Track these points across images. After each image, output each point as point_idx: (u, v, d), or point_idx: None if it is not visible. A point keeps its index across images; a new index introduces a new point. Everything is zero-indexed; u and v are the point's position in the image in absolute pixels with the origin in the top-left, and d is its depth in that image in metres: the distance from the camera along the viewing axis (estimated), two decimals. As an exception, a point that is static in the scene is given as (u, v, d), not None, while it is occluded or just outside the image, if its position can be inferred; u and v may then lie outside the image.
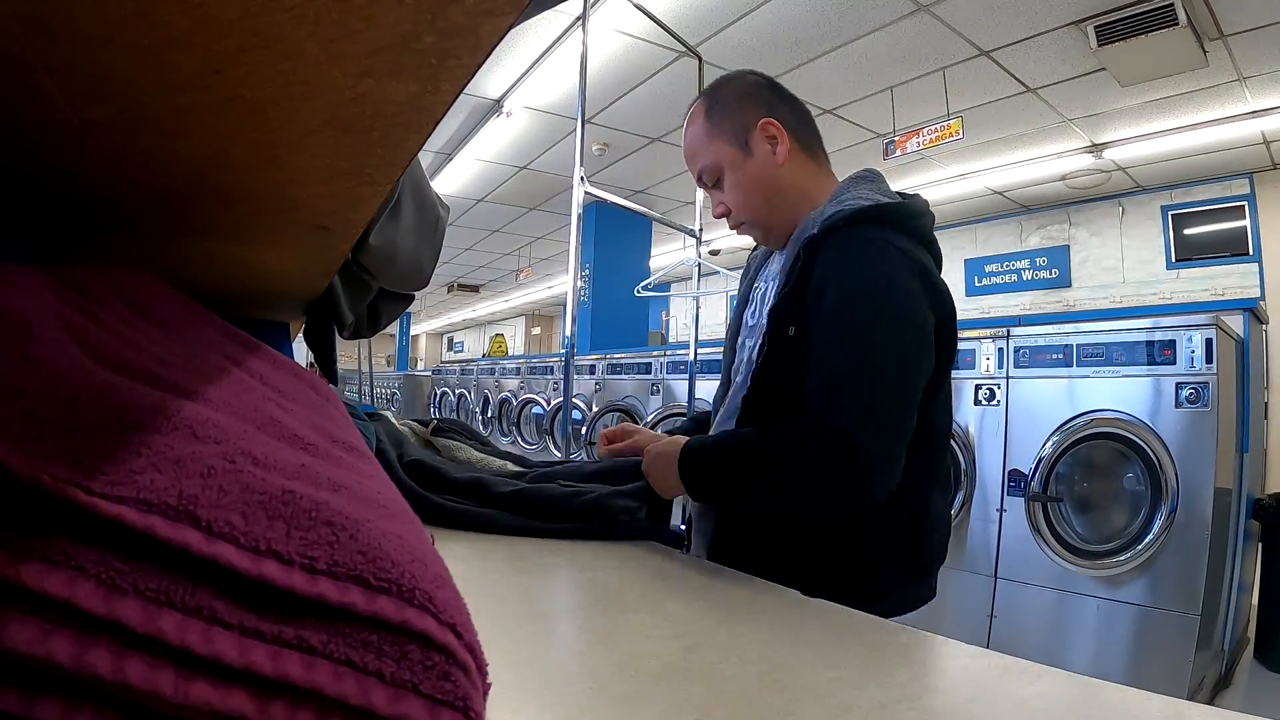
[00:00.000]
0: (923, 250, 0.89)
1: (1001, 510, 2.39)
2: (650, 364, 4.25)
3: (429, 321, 15.65)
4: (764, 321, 0.91)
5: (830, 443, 0.76)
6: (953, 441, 2.55)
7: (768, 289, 1.00)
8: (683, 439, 0.85)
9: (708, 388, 3.76)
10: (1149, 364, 2.09)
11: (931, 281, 0.86)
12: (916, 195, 0.94)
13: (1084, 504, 2.30)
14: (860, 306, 0.80)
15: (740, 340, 1.03)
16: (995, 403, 2.44)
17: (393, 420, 1.05)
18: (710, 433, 1.01)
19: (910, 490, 0.84)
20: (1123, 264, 5.58)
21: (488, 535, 0.76)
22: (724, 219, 1.00)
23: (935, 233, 0.93)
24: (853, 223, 0.84)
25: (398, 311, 0.95)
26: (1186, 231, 5.25)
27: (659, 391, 4.17)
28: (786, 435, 0.79)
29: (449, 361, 11.15)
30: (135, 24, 0.21)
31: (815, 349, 0.82)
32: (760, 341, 0.89)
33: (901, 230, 0.87)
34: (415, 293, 0.95)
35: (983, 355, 2.48)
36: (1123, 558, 2.08)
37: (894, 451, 0.79)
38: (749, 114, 0.94)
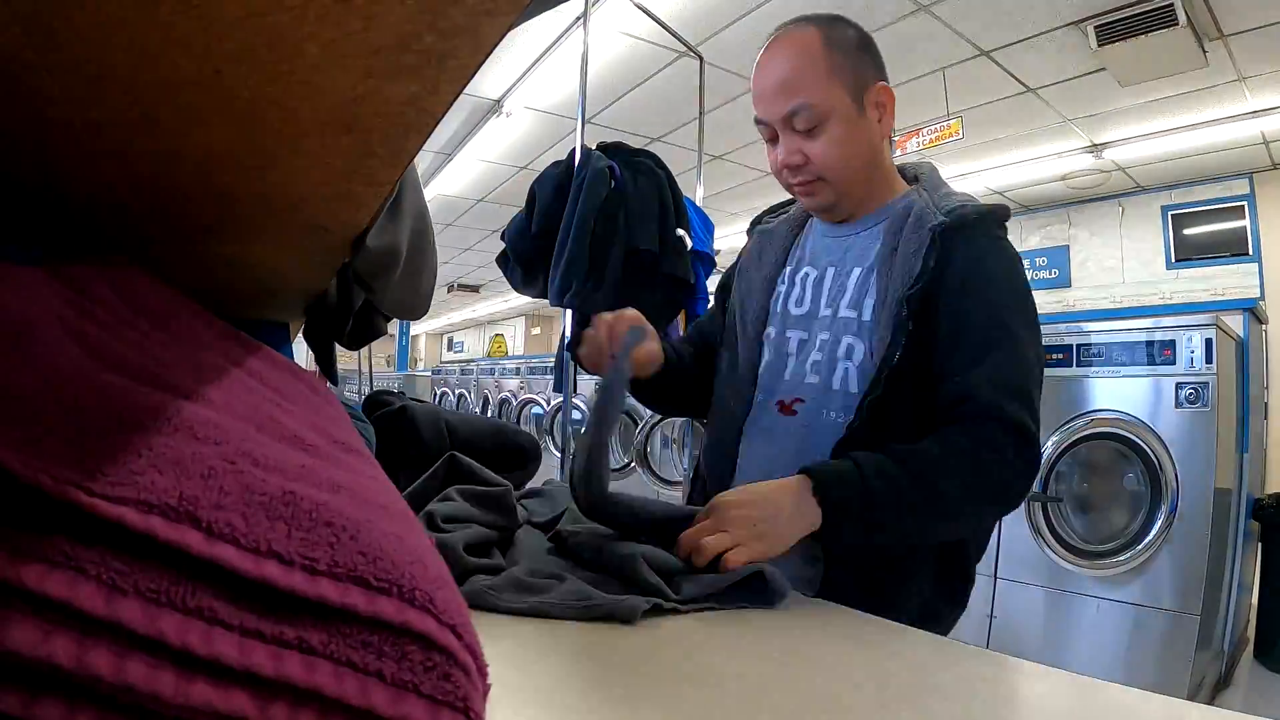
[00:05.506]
0: None
1: (1001, 510, 2.39)
2: (650, 364, 4.24)
3: (429, 321, 15.64)
4: (848, 314, 0.85)
5: (1016, 436, 0.74)
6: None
7: (823, 274, 0.91)
8: (793, 479, 0.71)
9: (708, 388, 3.76)
10: (1149, 364, 2.08)
11: None
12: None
13: (1084, 504, 2.30)
14: (1014, 313, 0.80)
15: (780, 331, 0.92)
16: (995, 403, 2.44)
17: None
18: (737, 422, 0.90)
19: None
20: (1123, 264, 5.57)
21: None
22: (788, 169, 0.86)
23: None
24: (986, 222, 0.83)
25: (383, 327, 0.94)
26: (1186, 231, 5.25)
27: (659, 391, 4.15)
28: (967, 440, 0.73)
29: (449, 361, 11.16)
30: (135, 24, 0.21)
31: (969, 345, 0.77)
32: (889, 335, 0.79)
33: (1006, 234, 0.86)
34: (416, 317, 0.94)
35: (983, 355, 2.48)
36: (1123, 558, 2.08)
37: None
38: (868, 71, 0.84)
